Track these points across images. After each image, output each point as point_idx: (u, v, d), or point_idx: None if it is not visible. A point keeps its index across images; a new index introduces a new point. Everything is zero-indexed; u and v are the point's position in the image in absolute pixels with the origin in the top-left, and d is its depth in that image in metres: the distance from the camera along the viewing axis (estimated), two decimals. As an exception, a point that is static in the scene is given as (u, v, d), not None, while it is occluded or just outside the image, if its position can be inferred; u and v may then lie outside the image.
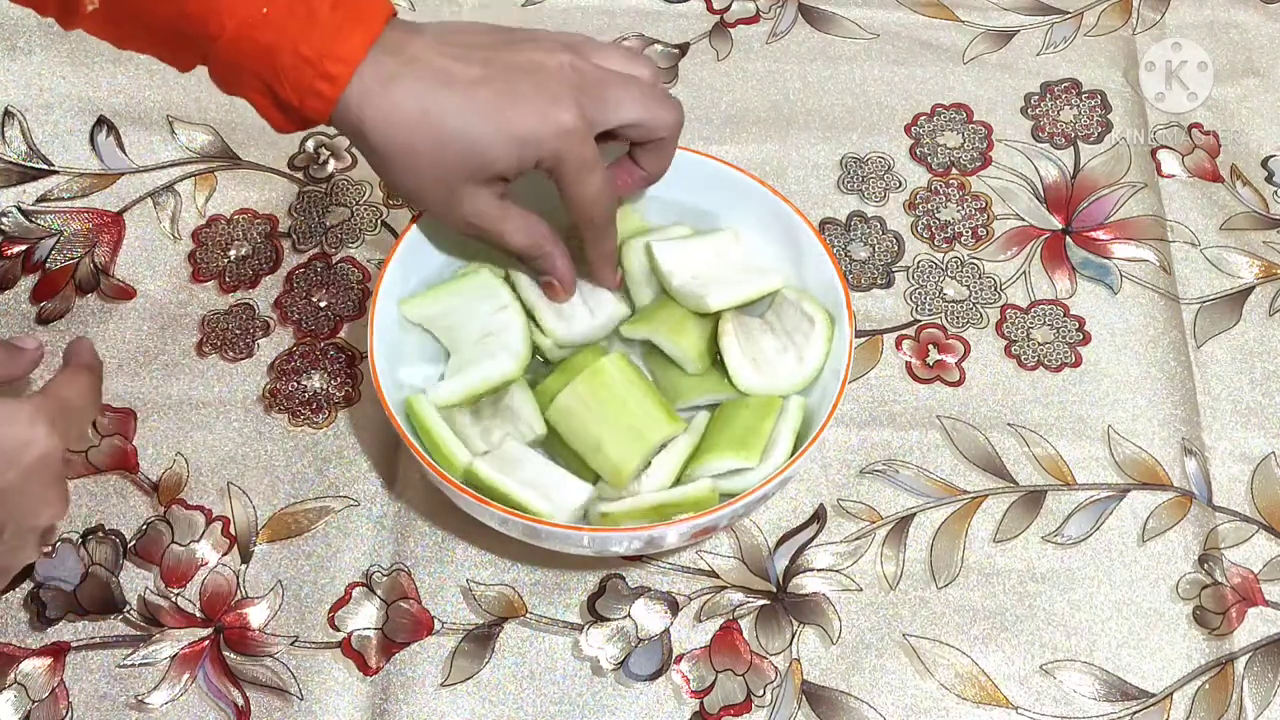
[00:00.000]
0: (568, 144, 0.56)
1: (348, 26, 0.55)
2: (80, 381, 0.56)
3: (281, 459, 0.68)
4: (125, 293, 0.72)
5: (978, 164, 0.79)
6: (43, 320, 0.71)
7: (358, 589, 0.64)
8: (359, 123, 0.56)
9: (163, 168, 0.77)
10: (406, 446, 0.59)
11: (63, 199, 0.76)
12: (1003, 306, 0.74)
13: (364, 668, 0.62)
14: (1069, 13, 0.85)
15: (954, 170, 0.79)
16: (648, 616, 0.64)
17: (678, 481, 0.62)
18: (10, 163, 0.77)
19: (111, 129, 0.78)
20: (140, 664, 0.62)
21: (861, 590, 0.65)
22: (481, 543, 0.65)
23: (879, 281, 0.74)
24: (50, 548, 0.63)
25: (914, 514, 0.67)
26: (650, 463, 0.61)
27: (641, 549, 0.62)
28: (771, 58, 0.83)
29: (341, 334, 0.71)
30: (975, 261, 0.75)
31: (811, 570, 0.65)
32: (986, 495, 0.68)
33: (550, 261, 0.62)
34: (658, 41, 0.83)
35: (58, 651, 0.62)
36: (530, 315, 0.65)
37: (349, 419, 0.69)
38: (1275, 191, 0.79)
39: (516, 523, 0.58)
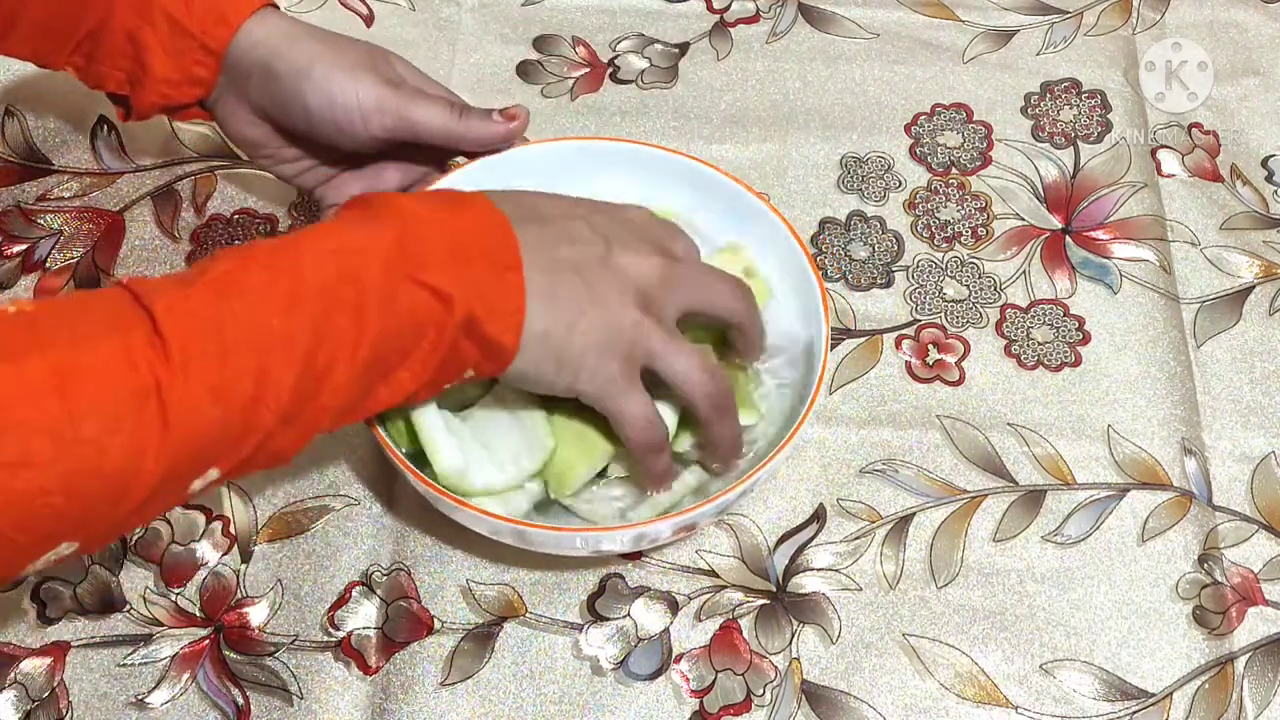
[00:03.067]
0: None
1: None
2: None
3: (281, 458, 0.68)
4: (125, 292, 0.72)
5: (978, 164, 0.79)
6: (43, 320, 0.71)
7: (357, 588, 0.64)
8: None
9: (163, 167, 0.77)
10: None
11: (63, 199, 0.76)
12: (1002, 306, 0.74)
13: (364, 667, 0.62)
14: (1069, 12, 0.85)
15: (954, 170, 0.79)
16: (647, 616, 0.64)
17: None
18: (10, 162, 0.77)
19: (111, 129, 0.78)
20: (140, 663, 0.62)
21: (861, 590, 0.65)
22: (481, 542, 0.65)
23: (879, 281, 0.74)
24: None
25: (914, 514, 0.67)
26: (605, 468, 0.62)
27: (633, 546, 0.62)
28: (771, 57, 0.83)
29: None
30: (975, 261, 0.75)
31: (811, 570, 0.65)
32: (986, 495, 0.68)
33: None
34: (658, 41, 0.83)
35: (58, 651, 0.62)
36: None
37: (349, 418, 0.69)
38: (1275, 191, 0.79)
39: (507, 528, 0.58)
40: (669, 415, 0.60)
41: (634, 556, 0.65)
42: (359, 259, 0.49)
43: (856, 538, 0.66)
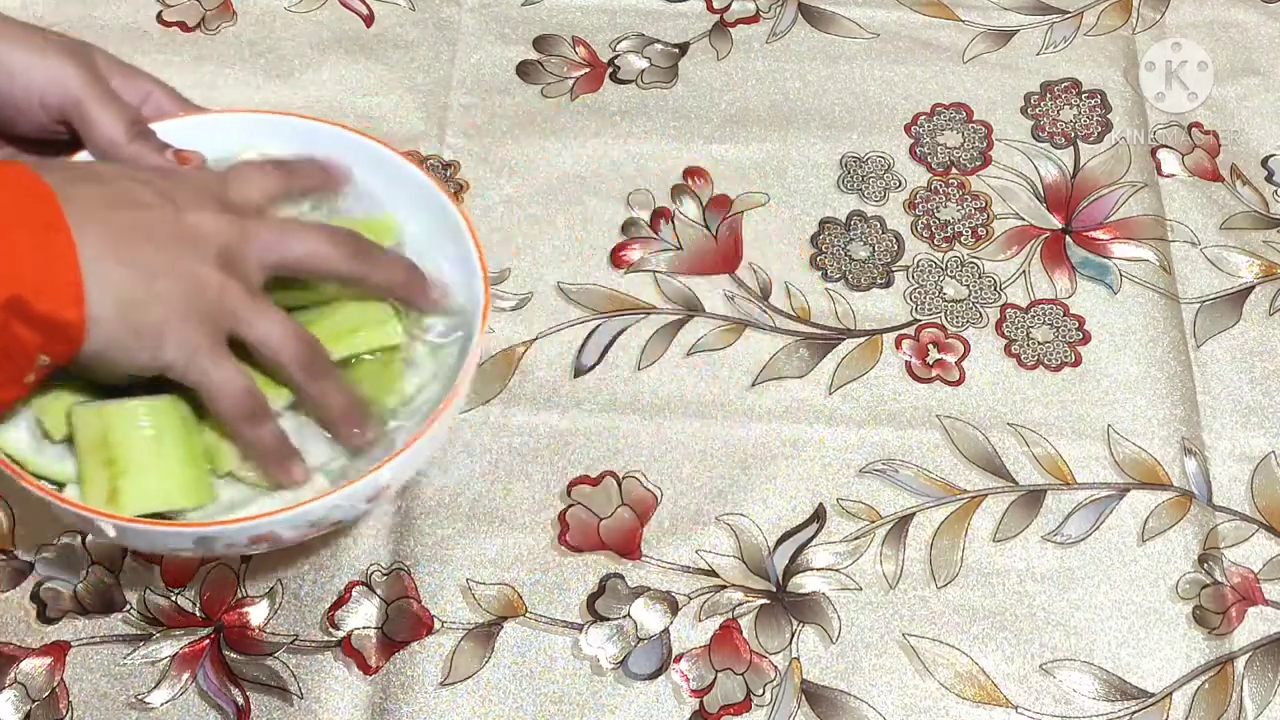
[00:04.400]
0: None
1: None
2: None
3: (281, 458, 0.67)
4: (125, 292, 0.72)
5: (978, 163, 0.79)
6: (43, 320, 0.71)
7: (357, 588, 0.64)
8: None
9: (163, 167, 0.77)
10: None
11: (63, 199, 0.76)
12: (1002, 306, 0.74)
13: (364, 667, 0.62)
14: (1069, 12, 0.85)
15: (954, 170, 0.79)
16: (647, 616, 0.64)
17: None
18: (10, 162, 0.77)
19: (112, 129, 0.78)
20: (140, 663, 0.62)
21: (861, 590, 0.65)
22: (481, 542, 0.65)
23: (879, 281, 0.74)
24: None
25: (914, 513, 0.67)
26: None
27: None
28: (771, 57, 0.83)
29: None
30: (975, 261, 0.75)
31: (811, 569, 0.65)
32: (986, 495, 0.68)
33: None
34: (658, 41, 0.83)
35: (58, 651, 0.62)
36: None
37: (349, 418, 0.69)
38: (1275, 191, 0.79)
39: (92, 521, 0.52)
40: None
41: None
42: None
43: (856, 537, 0.66)
